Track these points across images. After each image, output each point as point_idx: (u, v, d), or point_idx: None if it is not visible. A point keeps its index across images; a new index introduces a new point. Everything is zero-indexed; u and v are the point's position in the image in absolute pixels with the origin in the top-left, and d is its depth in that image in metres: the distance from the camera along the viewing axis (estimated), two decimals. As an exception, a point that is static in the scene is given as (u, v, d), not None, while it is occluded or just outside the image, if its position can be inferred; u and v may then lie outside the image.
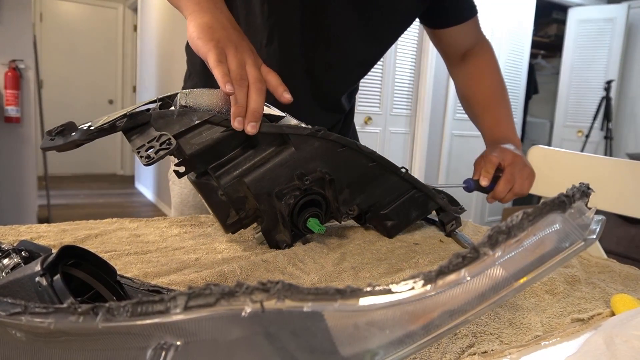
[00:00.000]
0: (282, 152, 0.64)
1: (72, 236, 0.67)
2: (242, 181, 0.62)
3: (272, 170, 0.63)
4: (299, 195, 0.63)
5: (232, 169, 0.63)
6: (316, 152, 0.65)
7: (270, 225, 0.64)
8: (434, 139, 3.47)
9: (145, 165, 0.58)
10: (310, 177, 0.63)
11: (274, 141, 0.64)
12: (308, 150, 0.65)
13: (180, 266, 0.57)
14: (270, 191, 0.63)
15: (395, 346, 0.22)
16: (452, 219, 0.76)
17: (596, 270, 0.63)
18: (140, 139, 0.60)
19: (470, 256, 0.23)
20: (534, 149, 1.20)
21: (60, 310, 0.23)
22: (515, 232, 0.24)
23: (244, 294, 0.21)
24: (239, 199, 0.63)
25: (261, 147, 0.64)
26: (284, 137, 0.64)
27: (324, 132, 0.65)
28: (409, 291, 0.22)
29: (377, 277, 0.57)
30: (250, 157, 0.64)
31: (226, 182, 0.62)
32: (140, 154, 0.58)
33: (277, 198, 0.63)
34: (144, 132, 0.61)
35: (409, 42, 3.24)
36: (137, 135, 0.61)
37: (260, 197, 0.62)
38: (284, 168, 0.63)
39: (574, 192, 0.26)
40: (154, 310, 0.22)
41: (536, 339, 0.42)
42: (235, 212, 0.64)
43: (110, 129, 0.60)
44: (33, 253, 0.36)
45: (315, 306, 0.21)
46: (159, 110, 0.63)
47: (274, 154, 0.64)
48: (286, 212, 0.62)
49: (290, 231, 0.64)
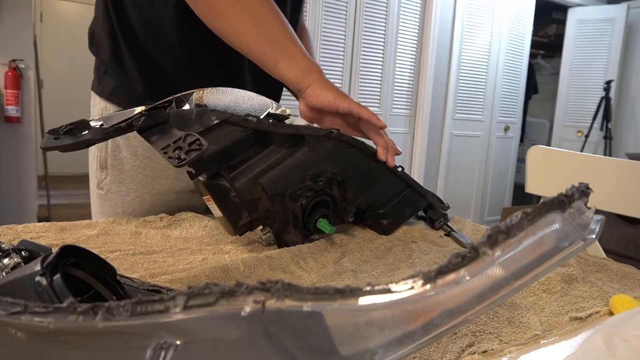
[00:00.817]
0: (295, 153, 0.64)
1: (73, 236, 0.67)
2: (258, 182, 0.61)
3: (287, 171, 0.63)
4: (310, 196, 0.62)
5: (246, 171, 0.62)
6: (328, 152, 0.65)
7: (281, 226, 0.64)
8: (434, 138, 3.48)
9: (177, 167, 0.57)
10: (323, 177, 0.63)
11: (286, 142, 0.64)
12: (321, 151, 0.65)
13: (188, 266, 0.57)
14: (285, 192, 0.62)
15: (395, 346, 0.22)
16: (440, 216, 0.78)
17: (593, 269, 0.63)
18: (162, 139, 0.59)
19: (470, 256, 0.23)
20: (533, 148, 1.20)
21: (59, 310, 0.23)
22: (514, 232, 0.24)
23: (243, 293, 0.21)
24: (252, 200, 0.62)
25: (274, 147, 0.64)
26: (298, 138, 0.64)
27: (338, 132, 0.66)
28: (408, 291, 0.22)
29: (376, 277, 0.57)
30: (264, 157, 0.63)
31: (241, 184, 0.61)
32: (168, 155, 0.57)
33: (291, 199, 0.62)
34: (164, 131, 0.60)
35: (408, 42, 3.24)
36: (157, 135, 0.60)
37: (275, 198, 0.62)
38: (298, 169, 0.63)
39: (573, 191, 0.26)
40: (154, 309, 0.22)
41: (535, 338, 0.42)
42: (247, 214, 0.63)
43: (127, 127, 0.59)
44: (33, 252, 0.36)
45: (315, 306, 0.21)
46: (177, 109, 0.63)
47: (288, 155, 0.64)
48: (299, 213, 0.62)
49: (302, 232, 0.63)
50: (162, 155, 0.58)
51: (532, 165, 1.17)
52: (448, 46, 3.40)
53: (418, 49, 3.31)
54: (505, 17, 3.66)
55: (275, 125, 0.64)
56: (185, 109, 0.62)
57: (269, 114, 0.68)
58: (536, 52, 4.83)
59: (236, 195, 0.62)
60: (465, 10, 3.42)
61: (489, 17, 3.57)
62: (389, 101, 3.23)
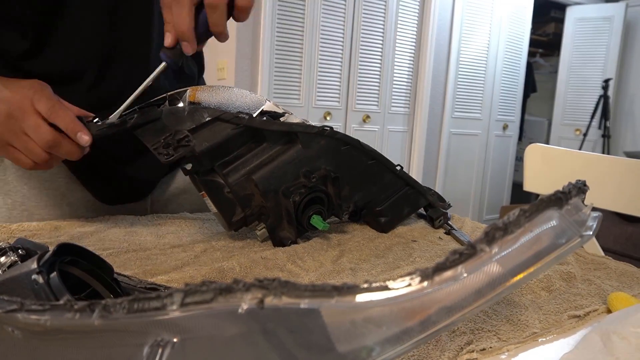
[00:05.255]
0: (289, 150, 0.64)
1: (67, 234, 0.67)
2: (250, 179, 0.62)
3: (280, 167, 0.63)
4: (304, 193, 0.63)
5: (240, 167, 0.63)
6: (322, 150, 0.66)
7: (275, 222, 0.65)
8: (432, 137, 3.48)
9: (165, 163, 0.58)
10: (316, 174, 0.64)
11: (280, 139, 0.65)
12: (314, 148, 0.65)
13: (180, 263, 0.57)
14: (277, 189, 0.63)
15: (392, 343, 0.22)
16: (440, 214, 0.78)
17: (592, 267, 0.63)
18: (153, 135, 0.60)
19: (467, 253, 0.23)
20: (531, 147, 1.20)
21: (56, 307, 0.23)
22: (512, 229, 0.24)
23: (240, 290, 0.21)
24: (245, 196, 0.63)
25: (268, 144, 0.64)
26: (291, 135, 0.65)
27: (331, 130, 0.66)
28: (405, 288, 0.22)
29: (375, 275, 0.57)
30: (258, 154, 0.64)
31: (234, 180, 0.62)
32: (158, 151, 0.58)
33: (284, 195, 0.63)
34: (155, 128, 0.61)
35: (407, 40, 3.24)
36: (150, 132, 0.61)
37: (268, 195, 0.62)
38: (290, 165, 0.64)
39: (571, 188, 0.26)
40: (151, 307, 0.22)
41: (533, 336, 0.42)
42: (240, 210, 0.64)
43: (120, 124, 0.60)
44: (30, 251, 0.36)
45: (312, 303, 0.21)
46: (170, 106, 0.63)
47: (281, 152, 0.64)
48: (292, 210, 0.62)
49: (295, 228, 0.64)
50: (152, 151, 0.59)
51: (530, 164, 1.17)
52: (447, 44, 3.40)
53: (417, 47, 3.31)
54: (504, 16, 3.66)
55: (267, 123, 0.64)
56: (177, 107, 0.63)
57: (263, 112, 0.68)
58: (534, 51, 4.83)
59: (230, 191, 0.62)
60: (464, 9, 3.42)
61: (487, 15, 3.57)
62: (387, 99, 3.23)
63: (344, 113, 3.01)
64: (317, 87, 2.85)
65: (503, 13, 3.65)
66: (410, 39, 3.26)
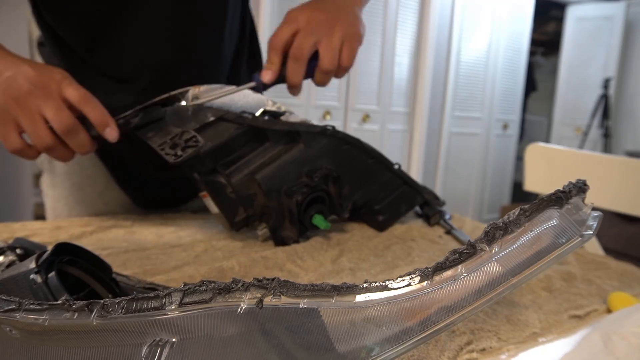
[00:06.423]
0: (291, 150, 0.64)
1: (68, 233, 0.67)
2: (253, 179, 0.62)
3: (282, 167, 0.63)
4: (306, 192, 0.63)
5: (242, 167, 0.63)
6: (323, 149, 0.66)
7: (277, 222, 0.64)
8: (432, 136, 3.47)
9: (173, 164, 0.58)
10: (318, 173, 0.64)
11: (282, 138, 0.65)
12: (316, 148, 0.65)
13: (180, 263, 0.57)
14: (280, 188, 0.63)
15: (392, 342, 0.22)
16: (435, 212, 0.78)
17: (592, 267, 0.63)
18: (158, 136, 0.60)
19: (467, 252, 0.23)
20: (532, 146, 1.20)
21: (54, 307, 0.23)
22: (512, 228, 0.24)
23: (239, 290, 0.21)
24: (248, 196, 0.63)
25: (270, 144, 0.64)
26: (293, 135, 0.65)
27: (333, 129, 0.66)
28: (405, 287, 0.22)
29: (374, 275, 0.57)
30: (260, 154, 0.64)
31: (237, 180, 0.62)
32: (165, 152, 0.58)
33: (287, 195, 0.63)
34: (160, 128, 0.61)
35: (407, 39, 3.24)
36: (154, 132, 0.61)
37: (271, 194, 0.62)
38: (293, 165, 0.64)
39: (571, 188, 0.26)
40: (149, 306, 0.22)
41: (533, 336, 0.42)
42: (243, 210, 0.64)
43: (124, 124, 0.60)
44: (28, 250, 0.36)
45: (312, 303, 0.21)
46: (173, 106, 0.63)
47: (284, 152, 0.64)
48: (295, 209, 0.62)
49: (297, 228, 0.64)
50: (159, 152, 0.58)
51: (530, 163, 1.17)
52: (447, 43, 3.40)
53: (416, 46, 3.30)
54: (504, 15, 3.66)
55: (270, 122, 0.64)
56: (181, 106, 0.63)
57: (264, 111, 0.68)
58: (535, 50, 4.82)
59: (232, 191, 0.62)
60: (464, 7, 3.42)
61: (487, 14, 3.56)
62: (387, 99, 3.23)
63: (343, 112, 3.01)
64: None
65: (503, 12, 3.64)
66: (410, 37, 3.26)
